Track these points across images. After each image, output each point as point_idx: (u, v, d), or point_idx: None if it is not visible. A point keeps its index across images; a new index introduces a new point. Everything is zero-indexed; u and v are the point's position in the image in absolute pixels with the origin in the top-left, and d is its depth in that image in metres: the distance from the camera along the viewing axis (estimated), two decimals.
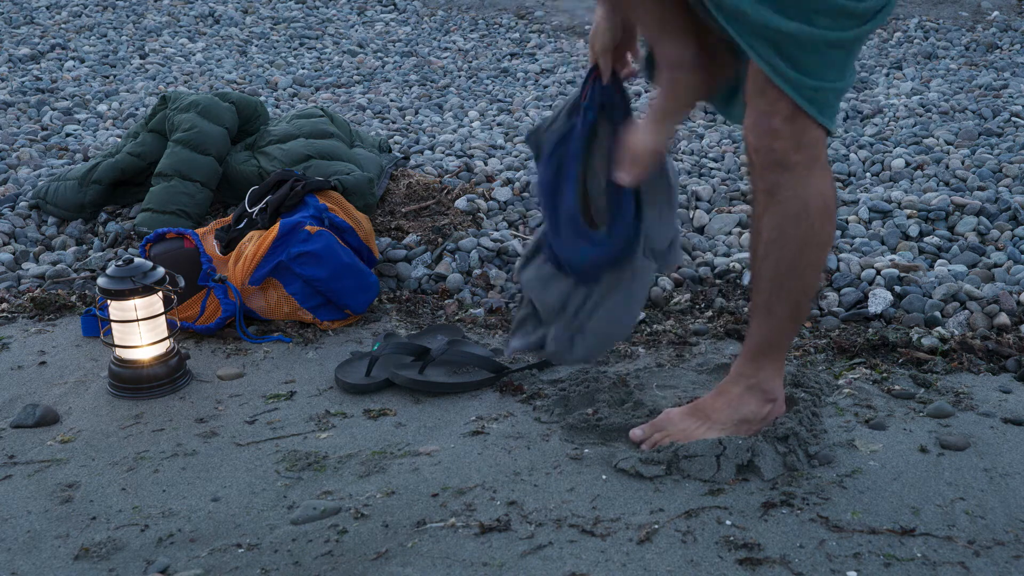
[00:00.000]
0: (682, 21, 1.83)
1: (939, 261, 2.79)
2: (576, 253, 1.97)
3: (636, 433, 1.99)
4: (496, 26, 6.08)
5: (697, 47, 1.85)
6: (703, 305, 2.62)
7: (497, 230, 3.06)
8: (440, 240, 2.96)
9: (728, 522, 1.75)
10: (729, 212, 3.12)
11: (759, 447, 1.89)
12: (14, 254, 3.01)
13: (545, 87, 4.88)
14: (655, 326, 2.51)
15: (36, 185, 3.35)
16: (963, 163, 3.51)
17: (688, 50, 1.85)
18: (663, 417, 2.00)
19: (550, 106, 4.50)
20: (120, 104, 4.48)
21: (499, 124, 4.27)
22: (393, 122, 4.29)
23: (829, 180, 1.85)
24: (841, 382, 2.20)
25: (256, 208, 2.64)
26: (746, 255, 2.80)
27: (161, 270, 2.29)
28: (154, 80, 4.94)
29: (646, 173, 1.92)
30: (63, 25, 5.95)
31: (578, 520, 1.76)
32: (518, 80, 5.05)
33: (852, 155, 3.67)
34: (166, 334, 2.30)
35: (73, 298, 2.72)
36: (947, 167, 3.50)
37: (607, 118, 1.95)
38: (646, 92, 4.36)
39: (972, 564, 1.64)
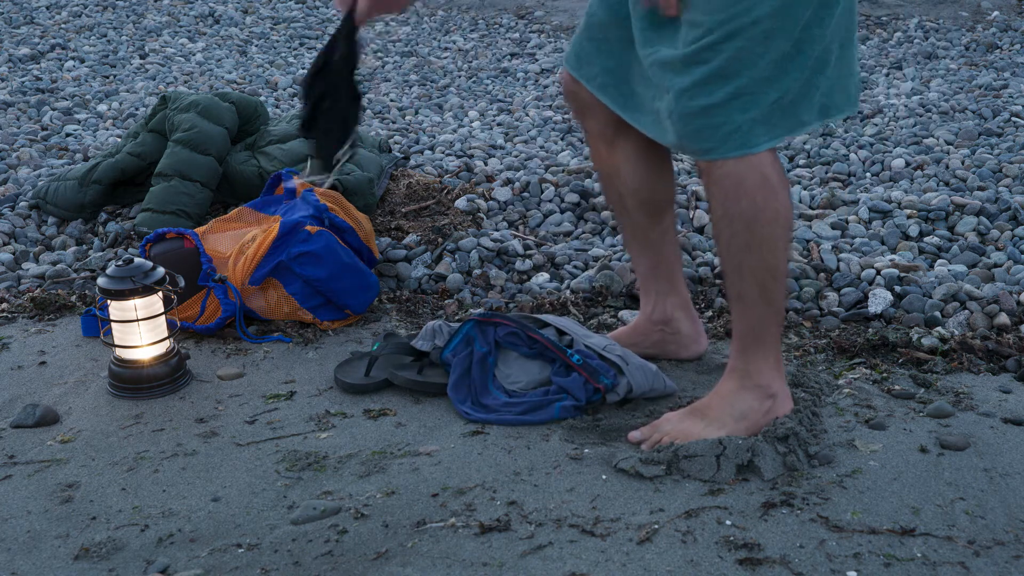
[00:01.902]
0: None
1: (939, 261, 2.79)
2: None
3: (635, 435, 1.98)
4: (496, 26, 6.09)
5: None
6: (703, 305, 2.62)
7: (497, 230, 3.06)
8: (440, 240, 2.96)
9: (728, 522, 1.75)
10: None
11: (759, 447, 1.89)
12: (14, 254, 3.01)
13: (545, 87, 4.88)
14: None
15: (36, 185, 3.35)
16: (963, 163, 3.51)
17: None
18: (662, 420, 2.00)
19: (550, 106, 4.50)
20: (120, 104, 4.48)
21: (499, 124, 4.27)
22: (393, 122, 4.29)
23: (768, 153, 1.86)
24: (841, 382, 2.20)
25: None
26: None
27: (161, 270, 2.29)
28: (154, 80, 4.94)
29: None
30: (63, 25, 5.95)
31: (578, 520, 1.76)
32: (518, 80, 5.05)
33: (852, 155, 3.67)
34: (166, 334, 2.30)
35: (73, 298, 2.72)
36: (947, 167, 3.50)
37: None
38: None
39: (972, 564, 1.64)
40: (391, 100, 4.67)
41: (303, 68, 5.22)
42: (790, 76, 1.82)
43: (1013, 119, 4.01)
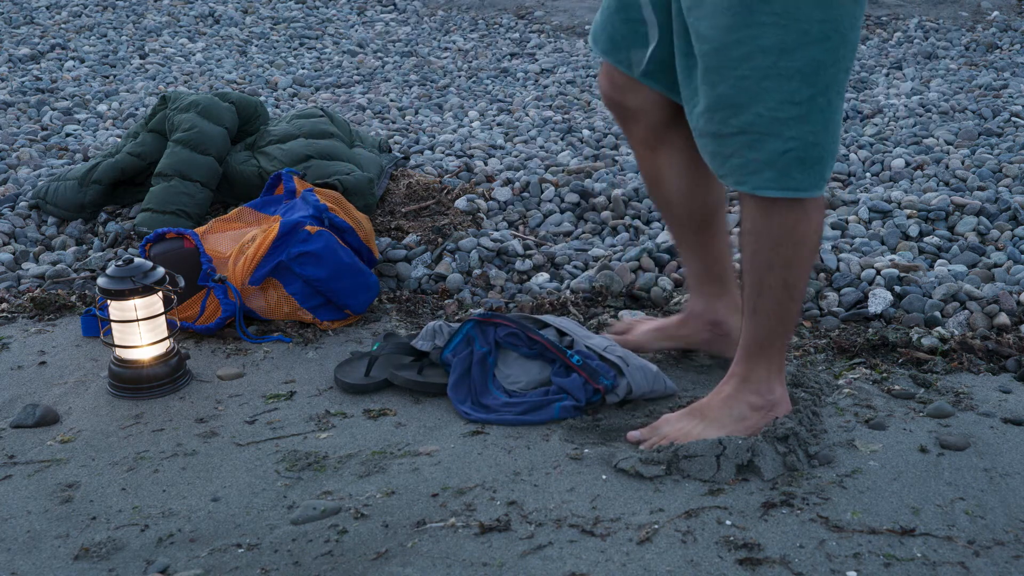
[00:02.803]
0: None
1: (939, 261, 2.79)
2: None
3: (634, 435, 1.98)
4: (496, 26, 6.08)
5: None
6: None
7: (497, 230, 3.06)
8: (440, 240, 2.96)
9: (728, 522, 1.75)
10: (729, 211, 3.11)
11: (759, 447, 1.89)
12: (14, 254, 3.01)
13: (545, 87, 4.88)
14: None
15: (36, 185, 3.35)
16: (963, 163, 3.51)
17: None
18: (661, 420, 2.00)
19: (550, 106, 4.50)
20: (120, 104, 4.48)
21: (499, 124, 4.27)
22: (393, 122, 4.29)
23: None
24: (841, 382, 2.20)
25: None
26: None
27: (161, 270, 2.29)
28: (154, 80, 4.94)
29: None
30: (63, 25, 5.95)
31: (578, 520, 1.76)
32: (518, 80, 5.05)
33: (852, 155, 3.67)
34: (166, 334, 2.30)
35: (73, 298, 2.72)
36: (947, 167, 3.50)
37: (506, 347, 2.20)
38: None
39: (972, 564, 1.64)
40: (391, 100, 4.67)
41: (303, 68, 5.22)
42: (812, 124, 1.72)
43: (1013, 119, 4.01)
